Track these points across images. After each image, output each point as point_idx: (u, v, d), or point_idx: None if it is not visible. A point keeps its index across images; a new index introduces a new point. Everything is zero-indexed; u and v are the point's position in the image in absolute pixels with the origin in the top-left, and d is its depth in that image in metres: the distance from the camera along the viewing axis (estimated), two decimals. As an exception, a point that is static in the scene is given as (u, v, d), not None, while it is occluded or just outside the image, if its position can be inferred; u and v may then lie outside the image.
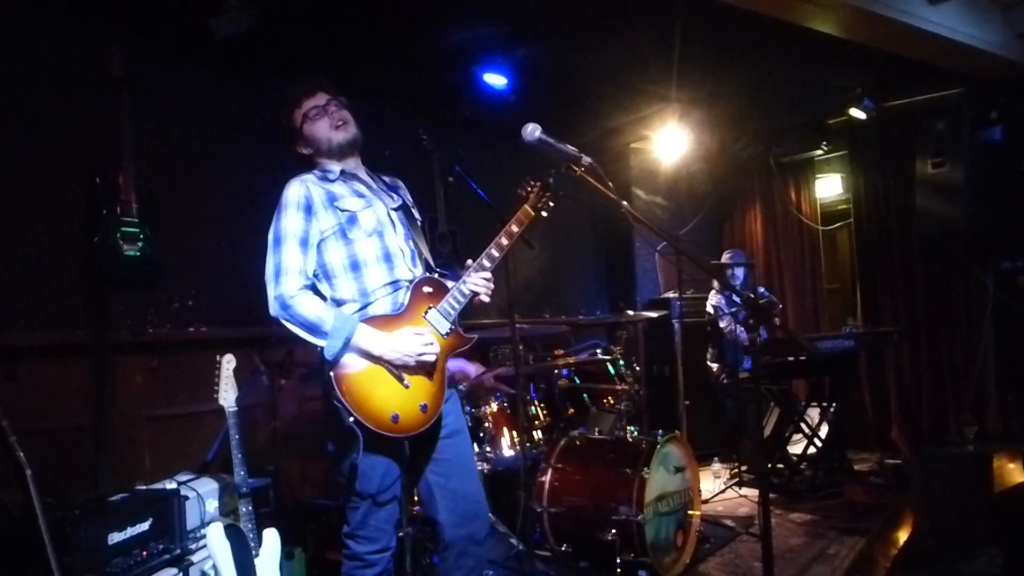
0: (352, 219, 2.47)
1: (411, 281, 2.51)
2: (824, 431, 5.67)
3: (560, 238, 6.56)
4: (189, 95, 4.25)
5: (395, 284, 2.50)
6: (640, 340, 6.51)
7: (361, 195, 2.56)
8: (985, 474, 4.63)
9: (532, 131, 2.48)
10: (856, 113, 5.91)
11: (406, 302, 2.46)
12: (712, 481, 5.45)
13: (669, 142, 6.61)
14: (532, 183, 2.65)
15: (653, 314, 5.46)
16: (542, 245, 6.27)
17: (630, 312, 5.18)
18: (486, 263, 2.55)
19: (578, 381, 4.69)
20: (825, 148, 7.01)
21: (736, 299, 5.66)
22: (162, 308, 4.02)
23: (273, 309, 2.38)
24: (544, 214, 2.65)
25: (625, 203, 2.54)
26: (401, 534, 3.46)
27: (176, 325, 4.07)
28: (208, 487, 3.24)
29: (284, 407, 4.33)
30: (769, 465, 5.55)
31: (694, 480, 4.06)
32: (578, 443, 4.09)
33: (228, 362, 3.00)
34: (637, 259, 6.96)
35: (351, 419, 2.26)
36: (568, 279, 6.80)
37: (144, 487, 3.12)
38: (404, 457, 2.48)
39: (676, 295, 5.85)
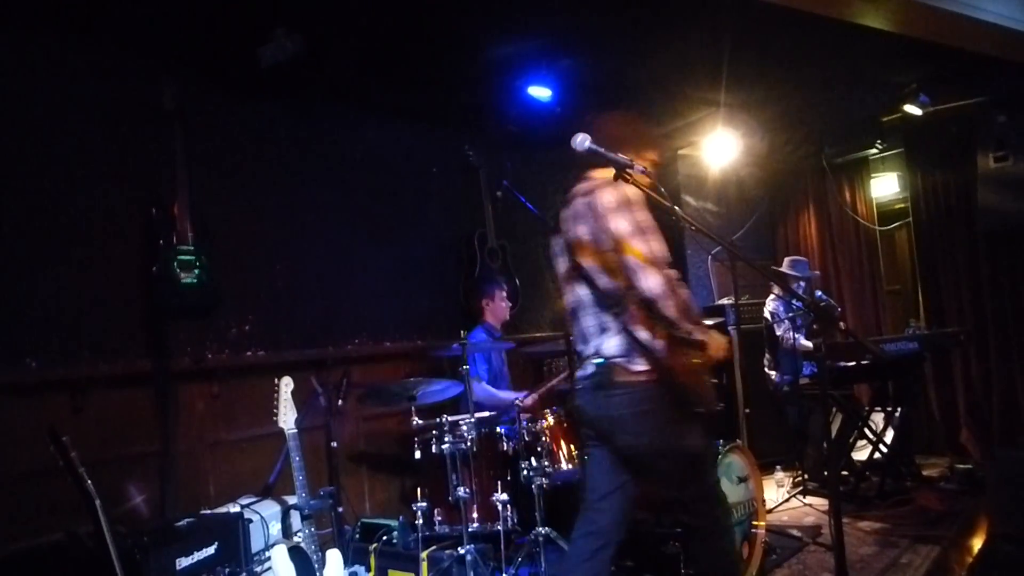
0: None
1: None
2: (889, 436, 5.49)
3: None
4: (240, 124, 4.34)
5: None
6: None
7: None
8: (1063, 477, 4.44)
9: (582, 141, 2.49)
10: (911, 109, 5.74)
11: None
12: (775, 490, 5.32)
13: (717, 147, 6.50)
14: None
15: (709, 321, 5.36)
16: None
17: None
18: None
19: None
20: (880, 146, 6.81)
21: (796, 304, 5.53)
22: (220, 335, 4.09)
23: (660, 287, 2.44)
24: None
25: (678, 208, 2.51)
26: (462, 550, 3.47)
27: (234, 351, 4.14)
28: (271, 510, 3.29)
29: (343, 427, 4.37)
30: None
31: (758, 490, 3.96)
32: (637, 456, 4.03)
33: (287, 385, 3.04)
34: (689, 266, 6.86)
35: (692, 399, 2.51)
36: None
37: (209, 511, 3.18)
38: None
39: (731, 302, 5.74)
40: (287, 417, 2.99)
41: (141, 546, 2.59)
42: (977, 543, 4.33)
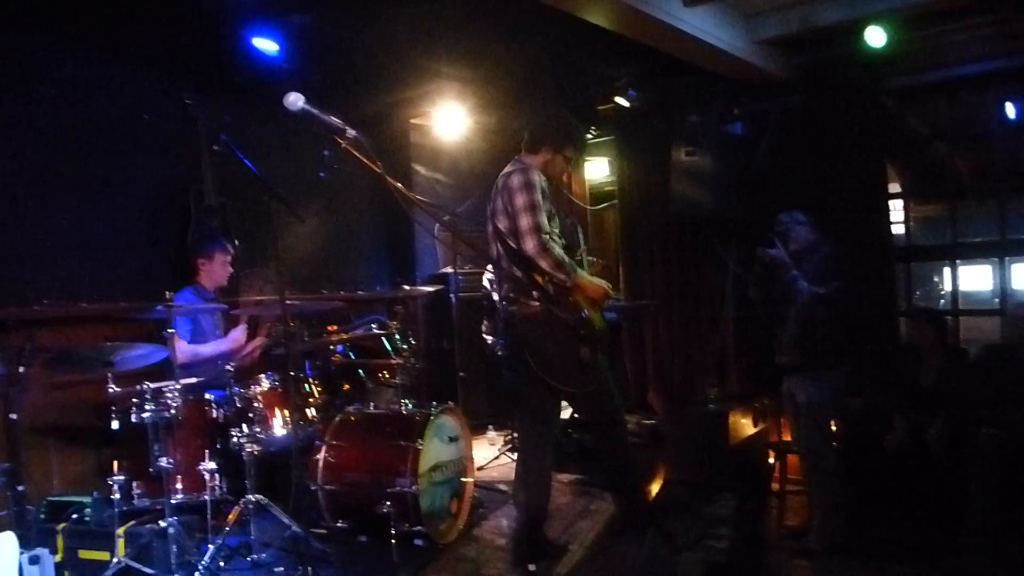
0: (551, 217, 3.52)
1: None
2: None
3: (339, 213, 6.43)
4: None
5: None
6: (420, 315, 6.58)
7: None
8: (722, 428, 5.23)
9: (295, 100, 2.42)
10: (621, 101, 6.29)
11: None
12: (488, 448, 5.65)
13: (449, 119, 6.67)
14: None
15: (430, 289, 5.54)
16: (320, 220, 6.12)
17: (407, 287, 5.23)
18: None
19: (353, 356, 4.66)
20: (594, 132, 7.39)
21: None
22: None
23: (536, 248, 3.35)
24: None
25: (394, 180, 2.57)
26: (164, 524, 3.31)
27: None
28: (-74, 492, 2.87)
29: (26, 397, 3.90)
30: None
31: (468, 449, 4.21)
32: (353, 418, 4.09)
33: (-54, 349, 2.66)
34: (417, 234, 6.99)
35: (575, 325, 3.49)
36: (348, 254, 6.69)
37: None
38: None
39: (453, 270, 5.96)
40: (-53, 386, 2.62)
41: None
42: (655, 488, 4.96)
